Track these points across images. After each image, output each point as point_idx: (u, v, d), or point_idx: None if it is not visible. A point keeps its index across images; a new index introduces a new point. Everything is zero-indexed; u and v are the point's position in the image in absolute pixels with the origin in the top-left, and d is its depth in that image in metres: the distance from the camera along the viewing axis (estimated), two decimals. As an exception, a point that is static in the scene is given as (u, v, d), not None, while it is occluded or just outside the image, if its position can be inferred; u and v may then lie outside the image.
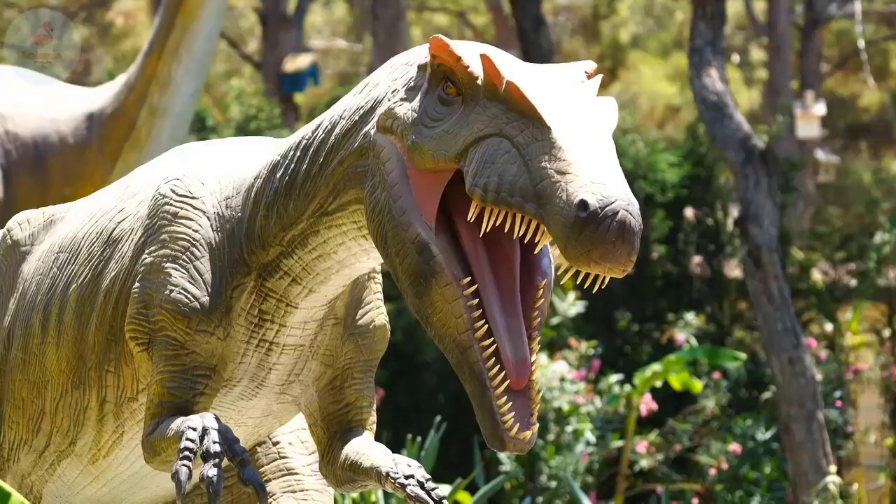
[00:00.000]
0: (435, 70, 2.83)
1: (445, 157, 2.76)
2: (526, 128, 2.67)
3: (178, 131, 7.63)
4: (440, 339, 2.78)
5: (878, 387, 11.23)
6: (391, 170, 2.84)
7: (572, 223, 2.55)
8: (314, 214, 3.03)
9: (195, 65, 7.53)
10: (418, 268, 2.78)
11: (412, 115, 2.84)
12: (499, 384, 2.73)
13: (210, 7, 7.47)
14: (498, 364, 2.74)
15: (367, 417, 3.32)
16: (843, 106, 28.48)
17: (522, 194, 2.62)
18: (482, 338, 2.74)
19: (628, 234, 2.56)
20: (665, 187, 11.96)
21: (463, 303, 2.75)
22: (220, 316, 3.12)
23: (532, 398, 2.77)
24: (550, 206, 2.58)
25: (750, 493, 9.62)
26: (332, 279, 3.11)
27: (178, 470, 2.85)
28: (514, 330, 2.78)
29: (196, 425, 2.90)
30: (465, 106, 2.78)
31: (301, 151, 3.07)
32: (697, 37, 8.93)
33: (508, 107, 2.71)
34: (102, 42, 25.03)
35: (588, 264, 2.57)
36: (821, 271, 11.92)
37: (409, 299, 2.82)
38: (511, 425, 2.73)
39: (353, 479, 3.25)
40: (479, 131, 2.72)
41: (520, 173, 2.64)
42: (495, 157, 2.68)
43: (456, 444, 11.11)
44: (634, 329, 11.72)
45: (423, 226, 2.79)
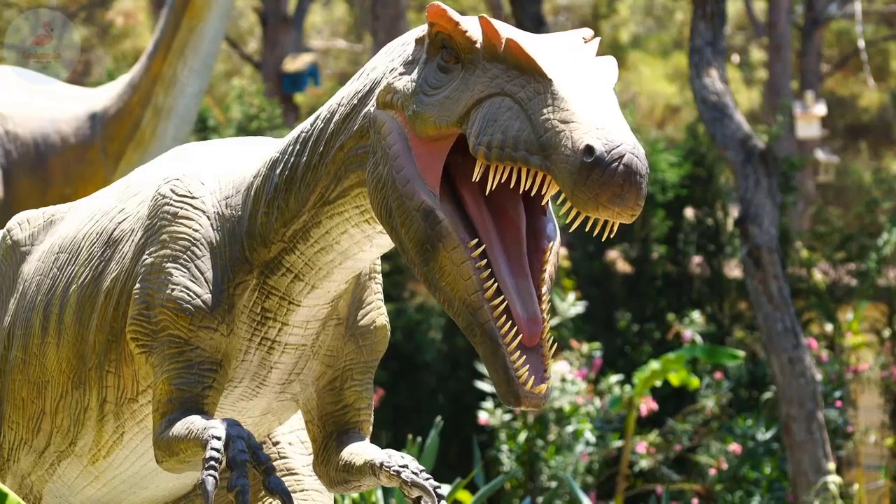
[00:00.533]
0: (433, 38, 2.84)
1: (448, 122, 2.76)
2: (527, 83, 2.68)
3: (182, 131, 7.64)
4: (449, 303, 2.78)
5: (878, 387, 11.23)
6: (393, 143, 2.84)
7: (579, 168, 2.55)
8: (316, 205, 3.03)
9: (200, 65, 7.54)
10: (424, 234, 2.78)
11: (412, 85, 2.85)
12: (511, 340, 2.72)
13: (216, 8, 7.48)
14: (509, 321, 2.74)
15: (364, 419, 3.32)
16: (842, 106, 28.48)
17: (527, 147, 2.63)
18: (492, 297, 2.74)
19: (636, 177, 2.55)
20: (665, 187, 11.96)
21: (471, 264, 2.75)
22: (223, 313, 3.12)
23: (545, 354, 2.76)
24: (556, 155, 2.58)
25: (750, 494, 9.62)
26: (334, 273, 3.11)
27: (205, 480, 2.83)
28: (524, 288, 2.78)
29: (220, 434, 2.89)
30: (464, 71, 2.78)
31: (300, 145, 3.07)
32: (697, 37, 8.93)
33: (509, 65, 2.71)
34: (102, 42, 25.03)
35: (597, 209, 2.56)
36: (821, 271, 11.92)
37: (418, 268, 2.81)
38: (525, 379, 2.71)
39: (347, 479, 3.26)
40: (480, 93, 2.73)
41: (523, 127, 2.64)
42: (498, 115, 2.68)
43: (456, 444, 11.11)
44: (634, 329, 11.72)
45: (427, 193, 2.79)
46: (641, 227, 12.00)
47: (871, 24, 28.00)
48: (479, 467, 7.96)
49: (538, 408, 2.75)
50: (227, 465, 2.86)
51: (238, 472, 2.84)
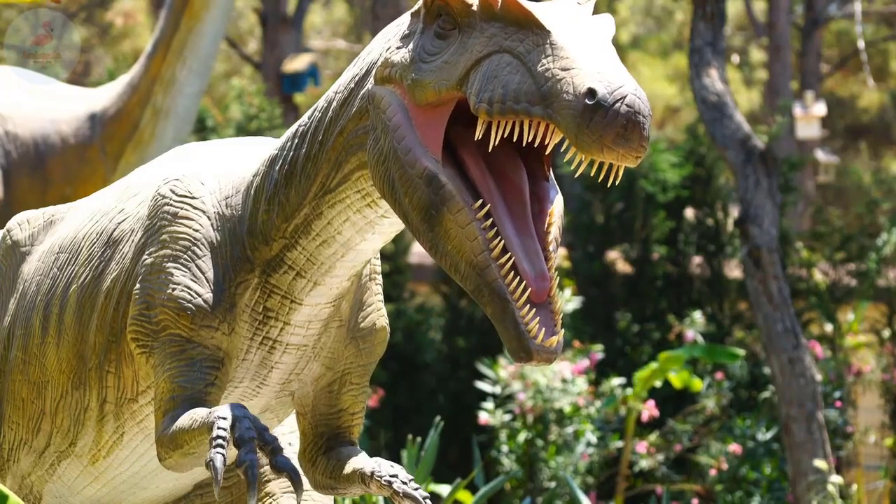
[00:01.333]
0: (430, 7, 2.84)
1: (447, 85, 2.76)
2: (526, 37, 2.69)
3: (182, 132, 7.64)
4: (456, 267, 2.77)
5: (878, 387, 11.23)
6: (393, 114, 2.85)
7: (582, 112, 2.55)
8: (317, 195, 3.03)
9: (199, 66, 7.53)
10: (428, 199, 2.78)
11: (409, 55, 2.85)
12: (520, 296, 2.72)
13: (215, 9, 7.48)
14: (517, 277, 2.73)
15: (356, 424, 3.33)
16: (842, 106, 28.48)
17: (528, 99, 2.63)
18: (499, 256, 2.73)
19: (638, 116, 2.56)
20: (666, 187, 11.96)
21: (477, 225, 2.75)
22: (224, 312, 3.11)
23: (554, 310, 2.75)
24: (558, 102, 2.59)
25: (750, 494, 9.62)
26: (336, 267, 3.10)
27: (213, 458, 2.82)
28: (530, 247, 2.78)
29: (226, 415, 2.88)
30: (462, 35, 2.79)
31: (299, 139, 3.08)
32: (697, 37, 8.93)
33: (507, 22, 2.72)
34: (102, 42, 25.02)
35: (601, 151, 2.57)
36: (821, 271, 11.92)
37: (423, 235, 2.80)
38: (536, 333, 2.71)
39: (333, 486, 3.27)
40: (478, 53, 2.73)
41: (524, 80, 2.65)
42: (497, 72, 2.69)
43: (456, 445, 11.11)
44: (634, 329, 11.72)
45: (429, 159, 2.79)
46: (642, 228, 12.00)
47: (871, 25, 28.00)
48: (479, 468, 7.97)
49: (549, 362, 2.74)
50: (234, 444, 2.84)
51: (246, 448, 2.83)
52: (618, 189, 11.93)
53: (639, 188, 11.86)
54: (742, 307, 12.04)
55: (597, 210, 12.12)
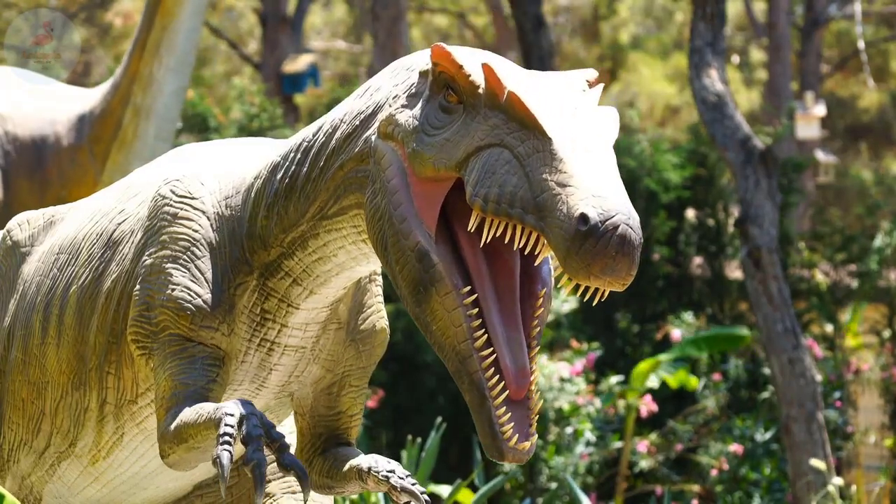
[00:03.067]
0: (436, 77, 2.83)
1: (446, 165, 2.75)
2: (527, 138, 2.67)
3: (165, 130, 7.58)
4: (440, 347, 2.78)
5: (878, 387, 11.23)
6: (392, 177, 2.83)
7: (573, 236, 2.54)
8: (314, 217, 3.03)
9: (176, 63, 7.48)
10: (418, 276, 2.78)
11: (413, 122, 2.84)
12: (498, 394, 2.73)
13: (188, 5, 7.43)
14: (497, 374, 2.74)
15: (353, 426, 3.34)
16: (842, 107, 28.48)
17: (523, 206, 2.62)
18: (482, 347, 2.74)
19: (628, 248, 2.55)
20: (668, 187, 11.96)
21: (462, 312, 2.75)
22: (223, 313, 3.11)
23: (531, 408, 2.77)
24: (551, 218, 2.58)
25: (750, 494, 9.62)
26: (332, 281, 3.11)
27: (220, 455, 2.81)
28: (514, 340, 2.78)
29: (234, 411, 2.87)
30: (466, 114, 2.77)
31: (301, 154, 3.07)
32: (697, 37, 8.93)
33: (509, 117, 2.70)
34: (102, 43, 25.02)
35: (588, 278, 2.57)
36: (821, 272, 11.93)
37: (409, 307, 2.81)
38: (510, 436, 2.72)
39: (330, 486, 3.27)
40: (479, 140, 2.72)
41: (520, 184, 2.63)
42: (496, 168, 2.67)
43: (456, 445, 11.11)
44: (634, 330, 11.72)
45: (423, 234, 2.78)
46: (644, 228, 11.99)
47: (871, 25, 28.00)
48: (479, 468, 7.96)
49: (521, 462, 2.76)
50: (241, 442, 2.84)
51: (254, 446, 2.82)
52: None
53: (641, 188, 11.85)
54: (742, 308, 12.04)
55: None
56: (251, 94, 12.73)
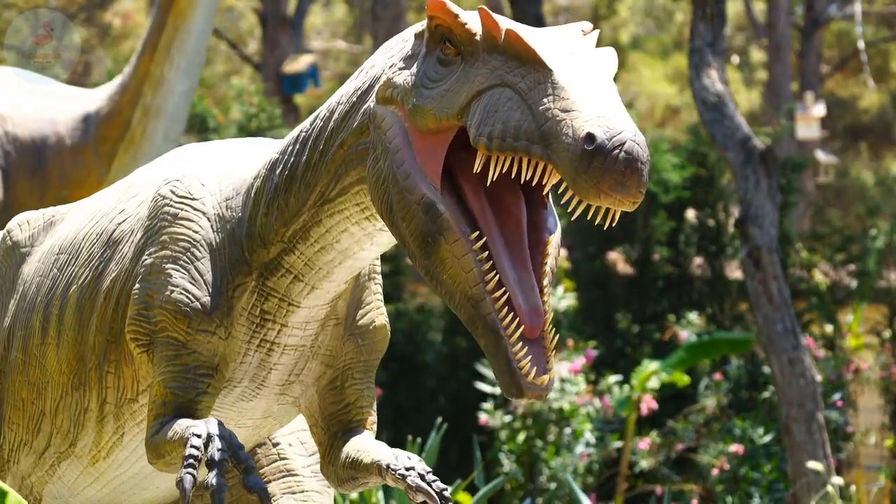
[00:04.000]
0: (433, 31, 2.84)
1: (448, 114, 2.76)
2: (527, 73, 2.68)
3: (172, 131, 7.60)
4: (451, 296, 2.77)
5: (877, 387, 11.23)
6: (393, 137, 2.84)
7: (580, 156, 2.55)
8: (316, 204, 3.03)
9: (187, 64, 7.50)
10: (426, 227, 2.78)
11: (411, 79, 2.85)
12: (513, 332, 2.72)
13: (201, 7, 7.45)
14: (511, 312, 2.74)
15: (367, 417, 3.31)
16: (842, 107, 28.47)
17: (528, 137, 2.63)
18: (494, 289, 2.74)
19: (637, 164, 2.56)
20: (668, 188, 11.96)
21: (472, 257, 2.75)
22: (222, 316, 3.11)
23: (547, 346, 2.76)
24: (557, 143, 2.59)
25: (750, 495, 9.62)
26: (334, 273, 3.10)
27: (183, 478, 2.84)
28: (525, 281, 2.78)
29: (200, 432, 2.89)
30: (464, 64, 2.79)
31: (300, 145, 3.08)
32: (697, 38, 8.93)
33: (509, 56, 2.72)
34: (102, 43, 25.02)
35: (598, 196, 2.57)
36: (821, 272, 11.93)
37: (419, 262, 2.81)
38: (528, 370, 2.71)
39: (354, 476, 3.25)
40: (480, 84, 2.73)
41: (524, 117, 2.64)
42: (498, 106, 2.68)
43: (456, 445, 11.11)
44: (635, 330, 11.72)
45: (428, 186, 2.79)
46: (643, 228, 11.99)
47: (871, 25, 27.99)
48: (479, 468, 7.96)
49: (541, 398, 2.75)
50: (206, 464, 2.86)
51: (215, 471, 2.84)
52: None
53: (640, 188, 11.84)
54: (743, 308, 12.04)
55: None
56: (250, 94, 12.73)
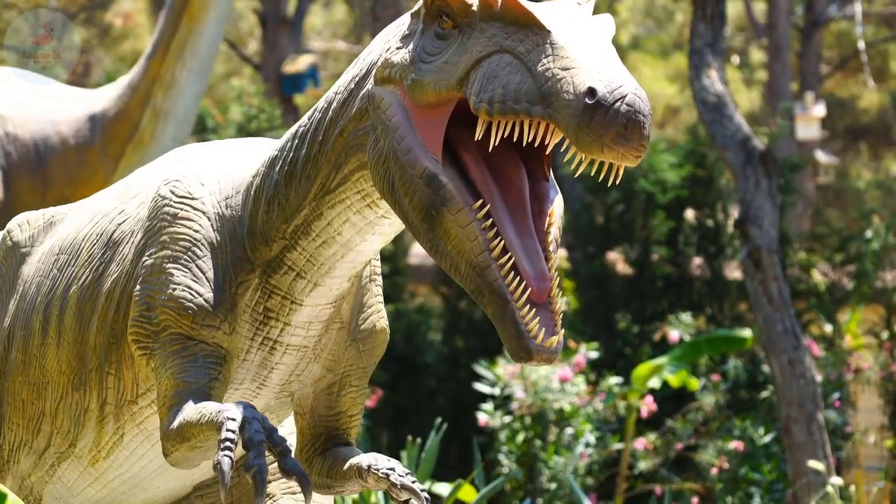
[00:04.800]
0: (429, 7, 2.85)
1: (447, 85, 2.77)
2: (526, 37, 2.69)
3: (181, 133, 7.63)
4: (456, 267, 2.77)
5: (877, 387, 11.22)
6: (393, 115, 2.85)
7: (582, 111, 2.55)
8: (317, 196, 3.03)
9: (198, 67, 7.53)
10: (428, 199, 2.78)
11: (409, 56, 2.86)
12: (520, 296, 2.72)
13: (215, 10, 7.47)
14: (517, 277, 2.74)
15: (354, 426, 3.34)
16: (842, 107, 28.47)
17: (528, 98, 2.63)
18: (499, 256, 2.74)
19: (639, 116, 2.56)
20: (665, 188, 11.96)
21: (477, 225, 2.75)
22: (225, 312, 3.11)
23: (554, 310, 2.76)
24: (558, 101, 2.59)
25: (749, 495, 9.62)
26: (336, 268, 3.10)
27: (221, 461, 2.81)
28: (530, 247, 2.78)
29: (235, 416, 2.87)
30: (462, 35, 2.79)
31: (298, 139, 3.08)
32: (697, 38, 8.93)
33: (506, 22, 2.73)
34: (102, 43, 25.02)
35: (601, 150, 2.57)
36: (820, 273, 11.92)
37: (423, 235, 2.81)
38: (536, 333, 2.71)
39: (329, 485, 3.27)
40: (478, 53, 2.74)
41: (524, 80, 2.65)
42: (497, 72, 2.69)
43: (456, 446, 11.11)
44: (634, 330, 11.72)
45: (429, 159, 2.79)
46: (642, 229, 11.99)
47: (871, 26, 27.99)
48: (479, 469, 7.96)
49: (550, 362, 2.74)
50: (243, 447, 2.83)
51: (255, 451, 2.82)
52: (618, 190, 11.92)
53: (639, 189, 11.85)
54: (742, 308, 12.03)
55: (597, 211, 12.11)
56: (249, 95, 12.73)
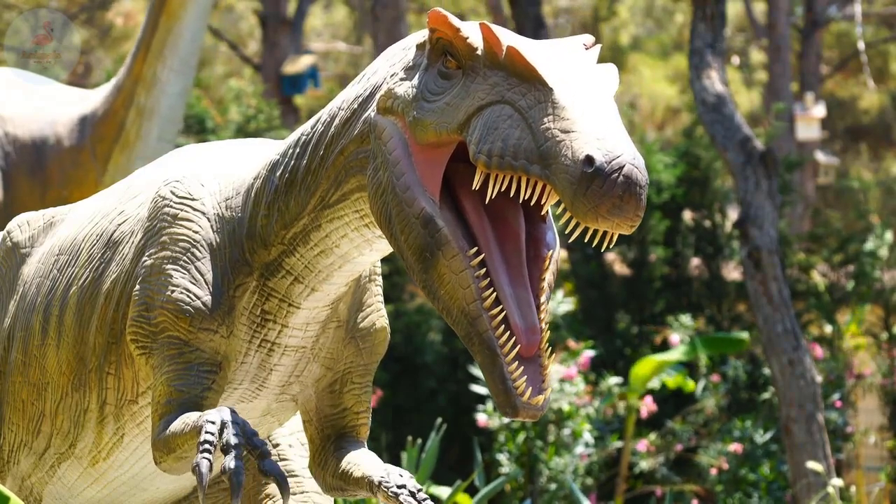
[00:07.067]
0: (434, 44, 2.84)
1: (448, 128, 2.76)
2: (528, 91, 2.68)
3: (167, 132, 7.59)
4: (448, 311, 2.78)
5: (877, 390, 11.23)
6: (393, 148, 2.84)
7: (579, 179, 2.55)
8: (316, 208, 3.03)
9: (180, 65, 7.49)
10: (424, 241, 2.78)
11: (412, 91, 2.85)
12: (509, 350, 2.73)
13: (193, 8, 7.44)
14: (507, 331, 2.74)
15: (363, 423, 3.33)
16: (842, 108, 28.47)
17: (527, 156, 2.63)
18: (491, 306, 2.74)
19: (635, 188, 2.56)
20: (661, 188, 11.96)
21: (470, 273, 2.75)
22: (223, 315, 3.11)
23: (543, 365, 2.76)
24: (556, 164, 2.58)
25: (749, 495, 9.62)
26: (334, 276, 3.11)
27: (199, 463, 2.82)
28: (523, 299, 2.78)
29: (215, 419, 2.88)
30: (465, 78, 2.78)
31: (300, 148, 3.07)
32: (697, 38, 8.93)
33: (509, 73, 2.71)
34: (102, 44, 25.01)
35: (596, 220, 2.57)
36: (820, 273, 11.93)
37: (416, 275, 2.81)
38: (523, 390, 2.72)
39: (343, 487, 3.26)
40: (480, 100, 2.72)
41: (524, 136, 2.64)
42: (498, 123, 2.68)
43: (456, 446, 11.11)
44: (633, 331, 11.72)
45: (427, 200, 2.79)
46: (639, 230, 11.99)
47: (871, 26, 27.99)
48: (479, 469, 7.96)
49: (535, 418, 2.76)
50: (221, 450, 2.85)
51: (232, 454, 2.83)
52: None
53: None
54: (741, 309, 12.04)
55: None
56: (248, 96, 12.73)
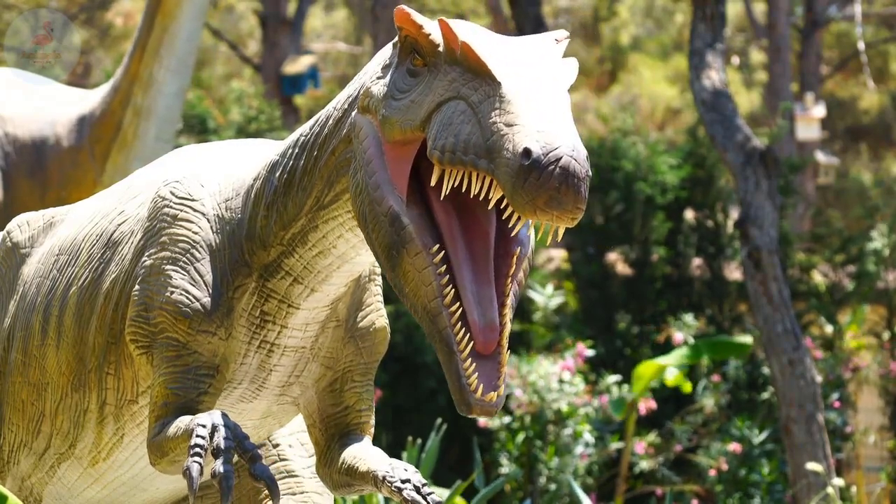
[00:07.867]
0: (403, 42, 2.86)
1: (412, 126, 2.78)
2: (480, 86, 2.70)
3: (164, 131, 7.59)
4: (414, 308, 2.81)
5: (877, 387, 11.23)
6: (367, 147, 2.87)
7: (517, 172, 2.56)
8: (312, 209, 3.04)
9: (176, 64, 7.48)
10: (390, 239, 2.80)
11: (384, 90, 2.87)
12: (464, 347, 2.74)
13: (189, 7, 7.43)
14: (464, 328, 2.75)
15: (365, 421, 3.32)
16: (842, 108, 28.47)
17: (475, 151, 2.64)
18: (450, 304, 2.76)
19: (573, 180, 2.56)
20: (665, 189, 11.96)
21: (432, 271, 2.77)
22: (222, 317, 3.12)
23: (500, 363, 2.78)
24: (499, 158, 2.60)
25: (749, 496, 9.62)
26: (333, 276, 3.11)
27: (190, 466, 2.83)
28: (485, 296, 2.79)
29: (206, 422, 2.90)
30: (430, 75, 2.80)
31: (299, 148, 3.08)
32: (697, 39, 8.93)
33: (465, 68, 2.73)
34: (102, 44, 25.01)
35: (535, 212, 2.57)
36: (821, 273, 11.93)
37: (387, 273, 2.84)
38: (475, 387, 2.73)
39: (350, 483, 3.26)
40: (440, 97, 2.75)
41: (473, 131, 2.66)
42: (453, 119, 2.70)
43: (456, 446, 11.11)
44: (634, 331, 11.72)
45: (395, 198, 2.81)
46: (641, 229, 11.99)
47: (871, 26, 27.99)
48: (478, 469, 7.96)
49: (489, 416, 2.76)
50: (212, 453, 2.86)
51: (222, 458, 2.84)
52: (617, 190, 11.92)
53: (638, 190, 11.85)
54: (742, 309, 12.04)
55: (596, 211, 12.12)
56: (249, 96, 12.73)
